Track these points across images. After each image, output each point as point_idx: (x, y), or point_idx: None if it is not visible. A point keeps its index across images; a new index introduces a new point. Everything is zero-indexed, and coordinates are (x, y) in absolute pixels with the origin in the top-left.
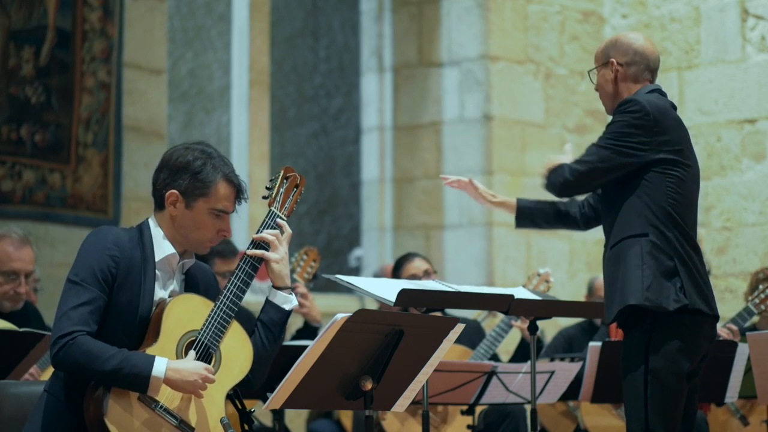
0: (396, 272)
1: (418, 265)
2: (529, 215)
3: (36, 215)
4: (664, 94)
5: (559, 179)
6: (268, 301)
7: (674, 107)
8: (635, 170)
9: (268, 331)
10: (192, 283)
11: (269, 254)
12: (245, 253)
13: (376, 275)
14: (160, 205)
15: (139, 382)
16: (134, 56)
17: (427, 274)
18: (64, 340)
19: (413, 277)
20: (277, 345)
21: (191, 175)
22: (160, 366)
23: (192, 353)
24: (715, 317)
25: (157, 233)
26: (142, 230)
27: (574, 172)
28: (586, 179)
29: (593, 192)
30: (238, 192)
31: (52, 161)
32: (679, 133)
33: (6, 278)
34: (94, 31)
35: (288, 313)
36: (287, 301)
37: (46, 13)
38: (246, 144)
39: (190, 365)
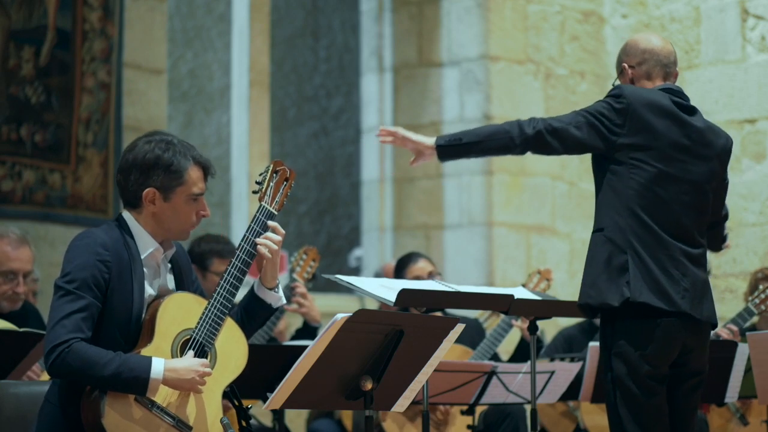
0: (399, 272)
1: (422, 266)
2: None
3: (36, 215)
4: (680, 95)
5: (529, 128)
6: (256, 297)
7: (688, 110)
8: (605, 162)
9: (252, 319)
10: (176, 270)
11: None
12: (254, 241)
13: (377, 275)
14: (134, 204)
15: (138, 384)
16: (134, 56)
17: (431, 276)
18: (60, 349)
19: (417, 278)
20: (253, 332)
21: (164, 169)
22: (158, 367)
23: (191, 352)
24: (680, 313)
25: (137, 230)
26: (122, 229)
27: (549, 126)
28: (556, 137)
29: (548, 154)
30: (206, 171)
31: (52, 161)
32: (663, 133)
33: (4, 278)
34: (94, 31)
35: (274, 310)
36: (277, 299)
37: (46, 13)
38: (246, 144)
39: (186, 363)
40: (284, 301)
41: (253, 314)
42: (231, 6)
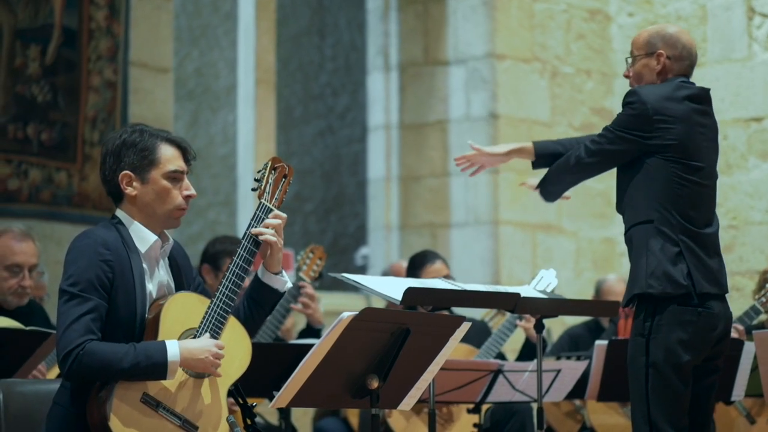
0: (414, 270)
1: (438, 267)
2: (549, 155)
3: (42, 214)
4: (689, 84)
5: (572, 158)
6: (261, 283)
7: (698, 99)
8: (641, 157)
9: (259, 306)
10: (174, 266)
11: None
12: (251, 233)
13: (385, 274)
14: (118, 196)
15: (157, 370)
16: (140, 55)
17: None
18: (75, 353)
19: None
20: (262, 321)
21: (133, 150)
22: (174, 349)
23: (207, 334)
24: (725, 294)
25: (133, 225)
26: (118, 227)
27: (588, 150)
28: (597, 158)
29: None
30: (184, 151)
31: (58, 160)
32: (682, 126)
33: (10, 273)
34: (100, 29)
35: (281, 294)
36: (283, 283)
37: (52, 12)
38: (252, 143)
39: (200, 343)
40: (290, 284)
41: (260, 301)
42: (237, 4)
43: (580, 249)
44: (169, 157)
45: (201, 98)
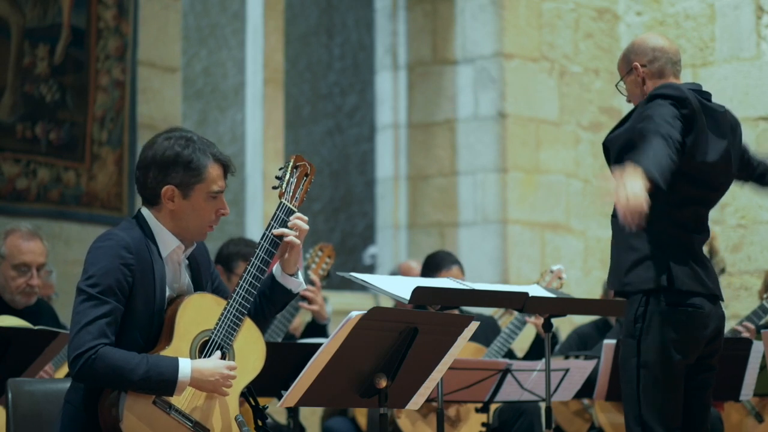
0: (430, 271)
1: (455, 275)
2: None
3: (51, 213)
4: (704, 94)
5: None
6: (277, 284)
7: (713, 110)
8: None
9: (272, 304)
10: (194, 266)
11: (295, 240)
12: (274, 239)
13: (393, 273)
14: (153, 201)
15: (166, 387)
16: (149, 54)
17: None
18: (87, 356)
19: None
20: (272, 316)
21: (183, 167)
22: (185, 369)
23: (217, 353)
24: (713, 296)
25: (157, 228)
26: (143, 228)
27: (660, 168)
28: (668, 170)
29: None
30: (226, 168)
31: (66, 159)
32: (701, 138)
33: (18, 272)
34: (108, 29)
35: (295, 295)
36: (297, 285)
37: (60, 11)
38: (260, 142)
39: (211, 365)
40: (304, 286)
41: (273, 300)
42: (245, 4)
43: (588, 248)
44: (214, 177)
45: (209, 97)
